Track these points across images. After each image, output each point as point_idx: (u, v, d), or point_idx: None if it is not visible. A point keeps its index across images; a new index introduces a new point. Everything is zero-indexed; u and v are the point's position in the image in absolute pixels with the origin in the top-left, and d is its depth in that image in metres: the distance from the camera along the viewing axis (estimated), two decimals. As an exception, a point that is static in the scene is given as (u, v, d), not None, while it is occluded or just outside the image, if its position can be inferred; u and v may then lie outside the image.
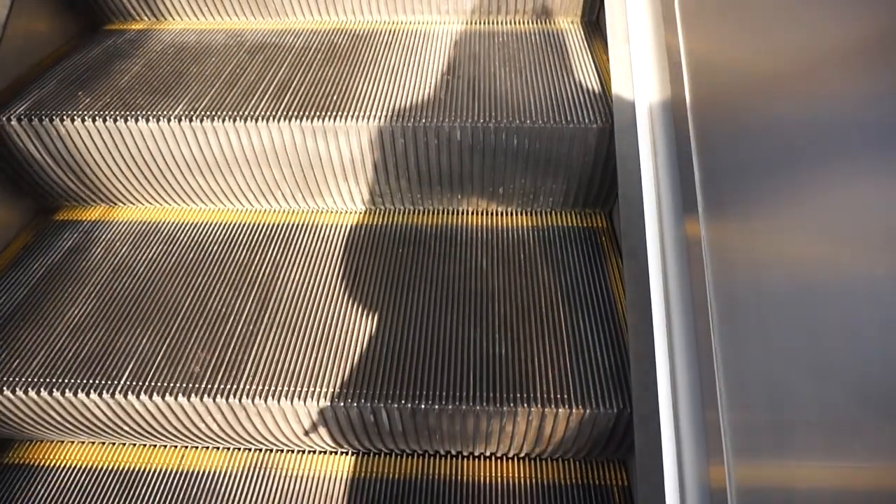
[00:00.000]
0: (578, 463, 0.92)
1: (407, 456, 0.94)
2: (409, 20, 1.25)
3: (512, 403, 0.78)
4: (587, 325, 0.88)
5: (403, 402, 0.79)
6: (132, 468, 0.94)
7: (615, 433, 0.81)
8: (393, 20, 1.25)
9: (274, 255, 1.01)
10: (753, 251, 0.56)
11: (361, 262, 0.99)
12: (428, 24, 1.24)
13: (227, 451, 0.96)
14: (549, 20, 1.24)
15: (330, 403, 0.79)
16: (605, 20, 1.05)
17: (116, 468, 0.94)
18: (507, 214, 1.09)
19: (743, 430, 0.55)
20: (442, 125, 0.95)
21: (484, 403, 0.79)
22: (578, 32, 1.20)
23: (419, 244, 1.03)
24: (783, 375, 0.49)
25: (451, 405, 0.79)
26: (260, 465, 0.94)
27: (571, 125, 0.94)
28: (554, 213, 1.09)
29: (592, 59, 1.11)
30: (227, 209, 1.12)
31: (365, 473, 0.92)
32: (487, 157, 0.99)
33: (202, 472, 0.93)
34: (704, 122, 0.71)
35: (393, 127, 0.95)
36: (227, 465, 0.94)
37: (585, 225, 1.06)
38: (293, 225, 1.08)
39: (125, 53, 1.17)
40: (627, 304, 0.79)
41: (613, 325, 0.88)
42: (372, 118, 0.95)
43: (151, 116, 0.97)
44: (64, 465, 0.95)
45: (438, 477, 0.91)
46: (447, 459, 0.93)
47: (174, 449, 0.96)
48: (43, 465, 0.95)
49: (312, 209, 1.11)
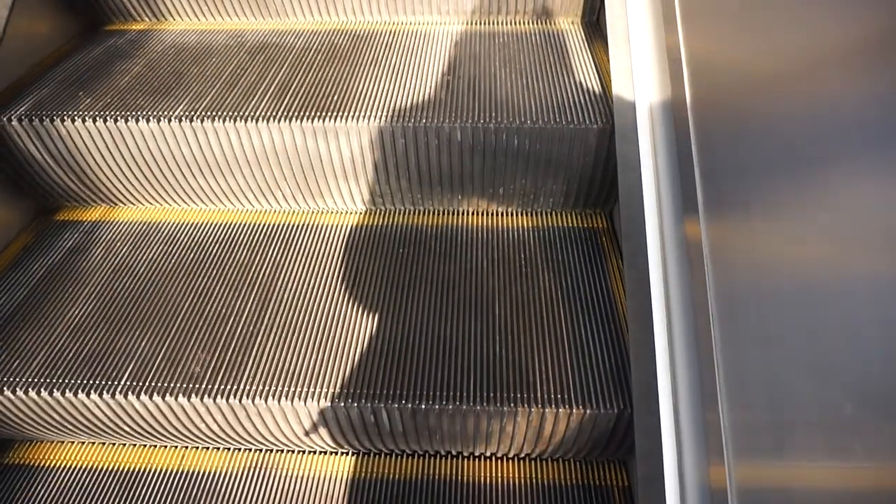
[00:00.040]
0: (579, 463, 0.92)
1: (407, 456, 0.94)
2: (409, 21, 1.25)
3: (512, 403, 0.78)
4: (588, 325, 0.88)
5: (404, 402, 0.79)
6: (132, 468, 0.94)
7: (615, 433, 0.81)
8: (393, 21, 1.25)
9: (274, 255, 1.01)
10: (754, 251, 0.56)
11: (362, 262, 0.99)
12: (428, 24, 1.24)
13: (227, 451, 0.96)
14: (549, 21, 1.24)
15: (330, 404, 0.79)
16: (605, 21, 1.06)
17: (117, 468, 0.94)
18: (507, 215, 1.09)
19: (743, 430, 0.55)
20: (442, 125, 0.95)
21: (484, 403, 0.79)
22: (579, 33, 1.20)
23: (419, 244, 1.03)
24: (783, 375, 0.49)
25: (451, 405, 0.79)
26: (260, 465, 0.94)
27: (572, 126, 0.94)
28: (554, 213, 1.09)
29: (593, 59, 1.11)
30: (227, 209, 1.12)
31: (365, 474, 0.92)
32: (488, 157, 0.99)
33: (202, 472, 0.93)
34: (705, 122, 0.71)
35: (393, 127, 0.95)
36: (227, 465, 0.94)
37: (586, 225, 1.06)
38: (293, 225, 1.08)
39: (126, 54, 1.17)
40: (628, 304, 0.79)
41: (614, 325, 0.88)
42: (372, 118, 0.95)
43: (152, 117, 0.97)
44: (64, 465, 0.95)
45: (439, 477, 0.91)
46: (447, 460, 0.93)
47: (174, 449, 0.96)
48: (43, 465, 0.96)
49: (313, 209, 1.11)
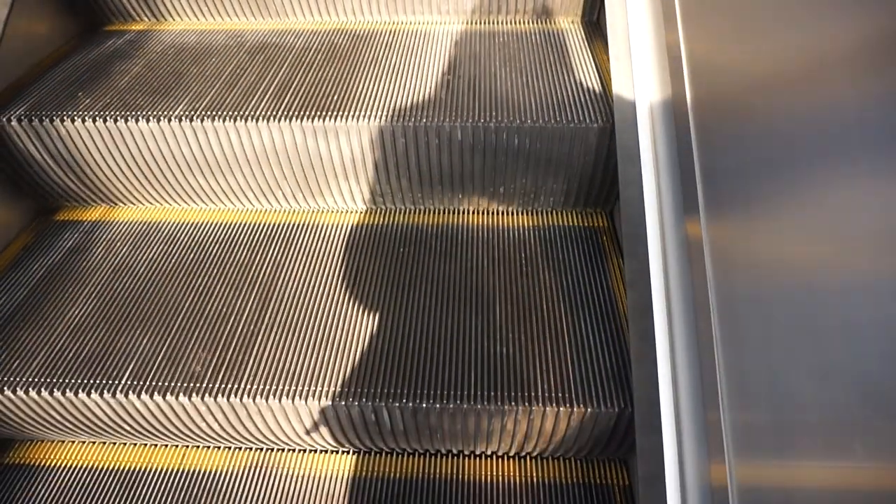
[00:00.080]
0: (580, 462, 0.92)
1: (408, 455, 0.94)
2: (409, 20, 1.25)
3: (513, 402, 0.79)
4: (588, 324, 0.88)
5: (404, 401, 0.79)
6: (133, 468, 0.94)
7: (616, 432, 0.82)
8: (393, 20, 1.25)
9: (274, 254, 1.01)
10: (754, 251, 0.56)
11: (362, 261, 0.99)
12: (428, 24, 1.24)
13: (228, 450, 0.96)
14: (549, 20, 1.24)
15: (331, 403, 0.79)
16: (605, 20, 1.05)
17: (117, 468, 0.94)
18: (507, 214, 1.09)
19: (744, 429, 0.55)
20: (443, 125, 0.95)
21: (485, 402, 0.79)
22: (579, 32, 1.20)
23: (420, 244, 1.03)
24: (784, 374, 0.49)
25: (452, 404, 0.79)
26: (261, 464, 0.94)
27: (572, 125, 0.94)
28: (555, 212, 1.09)
29: (593, 58, 1.11)
30: (227, 209, 1.12)
31: (366, 472, 0.92)
32: (488, 156, 0.99)
33: (203, 471, 0.93)
34: (705, 121, 0.71)
35: (394, 127, 0.95)
36: (228, 464, 0.94)
37: (586, 224, 1.06)
38: (294, 225, 1.08)
39: (125, 54, 1.17)
40: (628, 303, 0.79)
41: (614, 324, 0.88)
42: (373, 118, 0.95)
43: (152, 117, 0.97)
44: (65, 464, 0.95)
45: (439, 476, 0.91)
46: (448, 458, 0.93)
47: (175, 448, 0.96)
48: (44, 464, 0.96)
49: (313, 209, 1.11)
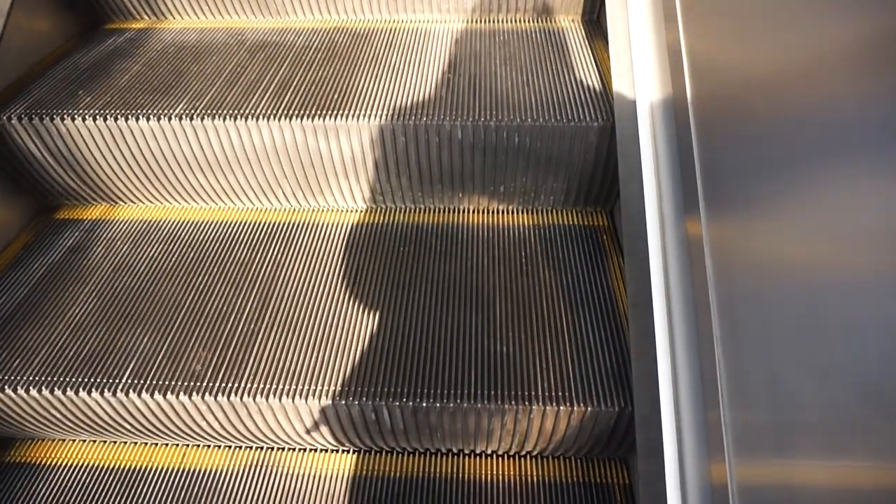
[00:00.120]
0: (580, 461, 0.92)
1: (408, 454, 0.94)
2: (409, 19, 1.25)
3: (513, 401, 0.79)
4: (588, 323, 0.88)
5: (405, 400, 0.79)
6: (133, 467, 0.94)
7: (616, 431, 0.82)
8: (393, 19, 1.25)
9: (275, 253, 1.01)
10: (754, 250, 0.56)
11: (362, 260, 0.99)
12: (428, 22, 1.24)
13: (228, 449, 0.96)
14: (549, 19, 1.24)
15: (331, 402, 0.79)
16: (605, 18, 1.05)
17: (118, 467, 0.94)
18: (508, 213, 1.09)
19: (744, 428, 0.55)
20: (443, 123, 0.95)
21: (485, 401, 0.79)
22: (579, 31, 1.20)
23: (420, 242, 1.03)
24: (784, 374, 0.49)
25: (452, 403, 0.79)
26: (261, 463, 0.94)
27: (572, 123, 0.94)
28: (555, 211, 1.09)
29: (593, 57, 1.11)
30: (227, 208, 1.12)
31: (366, 471, 0.92)
32: (488, 155, 0.99)
33: (204, 470, 0.93)
34: (706, 120, 0.71)
35: (394, 125, 0.95)
36: (228, 463, 0.94)
37: (586, 223, 1.06)
38: (294, 223, 1.08)
39: (125, 52, 1.17)
40: (628, 302, 0.79)
41: (615, 323, 0.88)
42: (373, 116, 0.95)
43: (152, 115, 0.97)
44: (65, 463, 0.95)
45: (440, 475, 0.91)
46: (448, 457, 0.93)
47: (175, 447, 0.97)
48: (44, 463, 0.96)
49: (313, 208, 1.11)
